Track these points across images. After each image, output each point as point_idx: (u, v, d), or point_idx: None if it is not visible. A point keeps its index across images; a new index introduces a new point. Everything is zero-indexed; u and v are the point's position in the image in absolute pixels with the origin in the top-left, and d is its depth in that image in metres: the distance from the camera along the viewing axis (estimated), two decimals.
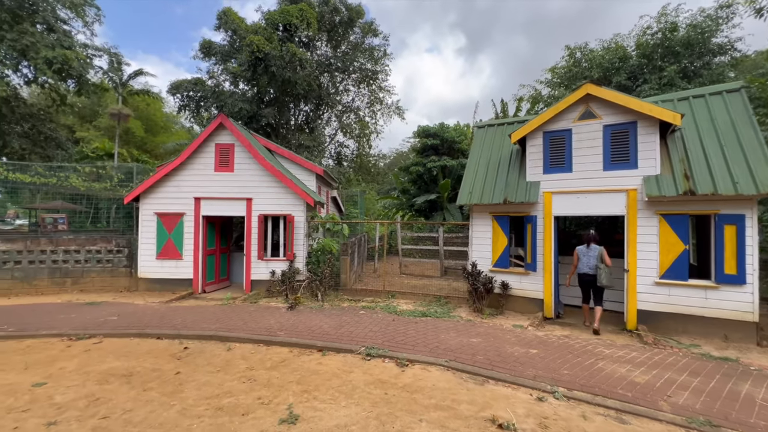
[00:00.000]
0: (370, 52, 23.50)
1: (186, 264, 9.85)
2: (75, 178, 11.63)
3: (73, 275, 9.88)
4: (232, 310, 7.75)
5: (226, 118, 9.88)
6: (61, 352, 5.32)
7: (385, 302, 8.88)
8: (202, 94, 23.40)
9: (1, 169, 10.26)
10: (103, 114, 32.13)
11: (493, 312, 7.77)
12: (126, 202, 9.87)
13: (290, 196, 9.86)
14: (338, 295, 9.43)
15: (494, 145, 9.25)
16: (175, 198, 9.94)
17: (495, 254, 8.21)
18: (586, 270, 7.12)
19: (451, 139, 25.48)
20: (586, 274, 7.11)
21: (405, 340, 5.76)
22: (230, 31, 22.85)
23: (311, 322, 6.73)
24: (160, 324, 6.55)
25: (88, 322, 6.62)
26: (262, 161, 9.78)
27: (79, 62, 14.92)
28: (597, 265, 6.96)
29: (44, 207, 14.71)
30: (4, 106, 15.23)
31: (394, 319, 7.03)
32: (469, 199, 8.33)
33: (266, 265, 9.82)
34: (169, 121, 39.29)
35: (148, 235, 9.90)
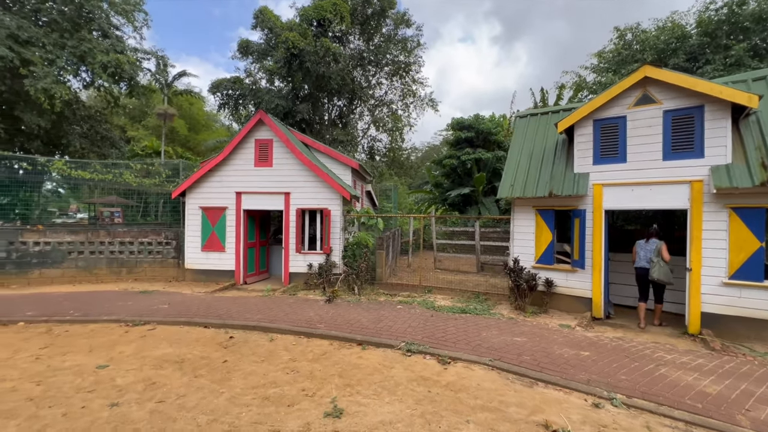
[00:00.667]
0: (403, 43, 23.18)
1: (228, 256, 10.24)
2: (128, 174, 12.41)
3: (128, 265, 10.57)
4: (273, 301, 7.95)
5: (265, 114, 10.10)
6: (120, 337, 5.67)
7: (421, 297, 8.76)
8: (240, 92, 24.20)
9: (64, 167, 11.13)
10: (151, 114, 34.12)
11: (536, 310, 7.43)
12: (174, 196, 10.40)
13: (327, 190, 9.94)
14: (374, 289, 9.43)
15: (537, 135, 8.79)
16: (218, 192, 10.33)
17: (538, 250, 7.82)
18: (642, 264, 6.82)
19: (486, 130, 24.73)
20: (642, 267, 6.81)
21: (445, 337, 5.62)
22: (266, 30, 23.38)
23: (349, 316, 6.75)
24: (207, 313, 6.84)
25: (142, 310, 7.04)
26: (299, 156, 9.92)
27: (130, 65, 15.86)
28: (651, 259, 6.62)
29: (101, 202, 15.88)
30: (67, 109, 16.52)
31: (432, 315, 6.90)
32: (510, 192, 7.98)
33: (304, 258, 10.00)
34: (210, 120, 41.13)
35: (193, 228, 10.38)
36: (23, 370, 4.44)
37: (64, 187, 19.85)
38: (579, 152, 7.41)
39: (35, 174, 11.61)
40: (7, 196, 12.04)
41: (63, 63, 14.22)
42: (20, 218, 12.43)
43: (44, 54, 13.91)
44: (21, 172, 11.78)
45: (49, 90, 13.63)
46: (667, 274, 6.43)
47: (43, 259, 10.07)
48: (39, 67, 13.54)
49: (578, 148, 7.43)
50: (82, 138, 17.92)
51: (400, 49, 23.17)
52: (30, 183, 12.05)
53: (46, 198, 18.53)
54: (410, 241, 16.17)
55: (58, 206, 22.03)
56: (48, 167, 11.37)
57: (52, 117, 15.42)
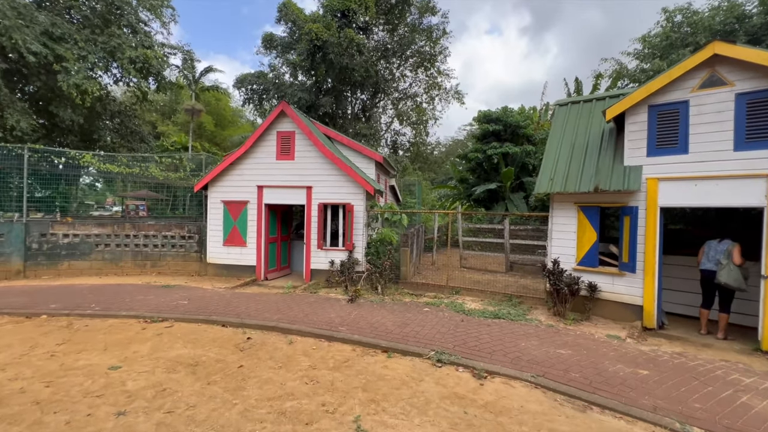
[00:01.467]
0: (428, 32, 22.41)
1: (250, 251, 10.05)
2: (154, 167, 12.48)
3: (152, 258, 10.59)
4: (293, 299, 7.64)
5: (287, 105, 9.78)
6: (136, 334, 5.49)
7: (449, 299, 8.23)
8: (264, 87, 24.20)
9: (93, 160, 11.27)
10: (180, 110, 34.95)
11: (577, 317, 6.74)
12: (196, 190, 10.29)
13: (350, 185, 9.53)
14: (398, 289, 8.97)
15: (579, 125, 8.00)
16: (240, 186, 10.13)
17: (580, 251, 7.10)
18: (708, 266, 6.06)
19: (515, 123, 23.67)
20: (708, 270, 6.04)
21: (479, 346, 5.09)
22: (290, 23, 23.20)
23: (373, 318, 6.32)
24: (225, 311, 6.59)
25: (162, 305, 6.88)
26: (322, 148, 9.54)
27: (157, 60, 16.02)
28: (720, 261, 5.85)
29: (133, 195, 16.21)
30: (98, 104, 16.92)
31: (462, 320, 6.36)
32: (549, 187, 7.27)
33: (325, 254, 9.66)
34: (236, 116, 41.77)
35: (215, 222, 10.24)
36: (37, 368, 4.27)
37: (100, 181, 20.58)
38: (630, 143, 6.62)
39: (73, 168, 11.86)
40: (48, 189, 12.43)
41: (94, 59, 14.46)
42: (60, 210, 12.85)
43: (76, 50, 14.19)
44: (61, 166, 12.08)
45: (81, 85, 13.90)
46: (737, 279, 5.60)
47: (72, 251, 10.22)
48: (71, 63, 13.82)
49: (630, 138, 6.63)
50: (112, 133, 18.36)
51: (425, 39, 22.39)
52: (68, 177, 12.35)
53: (83, 191, 19.24)
54: (434, 238, 15.57)
55: (95, 199, 22.92)
56: (78, 160, 11.55)
57: (83, 112, 15.78)
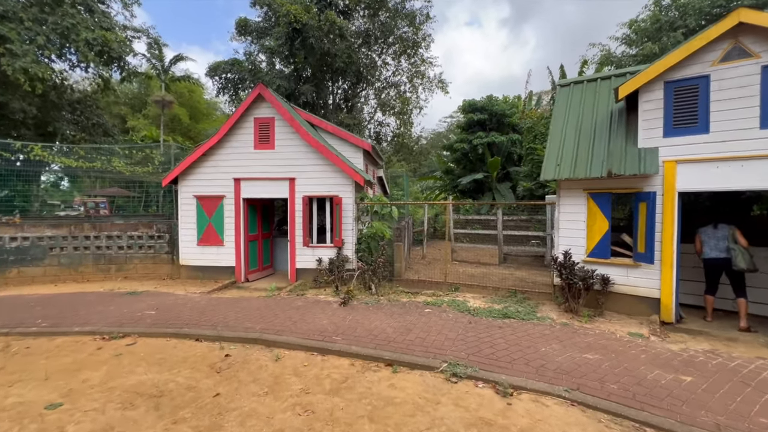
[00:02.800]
0: (411, 17, 21.53)
1: (228, 251, 9.11)
2: (117, 161, 11.25)
3: (117, 262, 9.49)
4: (278, 304, 6.82)
5: (265, 88, 8.83)
6: (89, 356, 4.57)
7: (449, 297, 7.60)
8: (239, 76, 22.79)
9: (44, 153, 9.97)
10: (151, 103, 32.94)
11: (590, 313, 6.23)
12: (164, 184, 9.22)
13: (337, 175, 8.71)
14: (393, 287, 8.28)
15: (584, 106, 7.46)
16: (214, 179, 9.15)
17: (591, 241, 6.59)
18: (715, 254, 5.81)
19: (500, 112, 23.25)
20: (716, 258, 5.79)
21: (495, 354, 4.46)
22: (265, 7, 21.85)
23: (370, 323, 5.60)
24: (200, 321, 5.72)
25: (124, 317, 5.94)
26: (305, 136, 8.67)
27: (118, 44, 14.54)
28: (729, 247, 5.64)
29: (101, 194, 14.84)
30: (53, 93, 15.30)
31: (470, 321, 5.73)
32: (556, 173, 6.70)
33: (312, 252, 8.84)
34: (210, 108, 39.82)
35: (188, 219, 9.23)
36: None
37: (65, 179, 18.84)
38: (645, 122, 6.10)
39: (33, 164, 10.50)
40: (5, 188, 10.99)
41: (43, 41, 12.92)
42: (20, 211, 11.49)
43: (23, 30, 12.64)
44: (18, 163, 10.68)
45: (29, 70, 12.40)
46: (750, 261, 5.54)
47: (22, 256, 9.00)
48: (16, 45, 12.29)
49: (644, 118, 6.11)
50: (72, 125, 16.73)
51: (408, 24, 21.50)
52: (28, 174, 10.96)
53: (46, 190, 17.60)
54: (425, 231, 14.97)
55: (61, 198, 21.09)
56: (27, 154, 10.22)
57: (35, 101, 14.21)
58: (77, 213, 18.76)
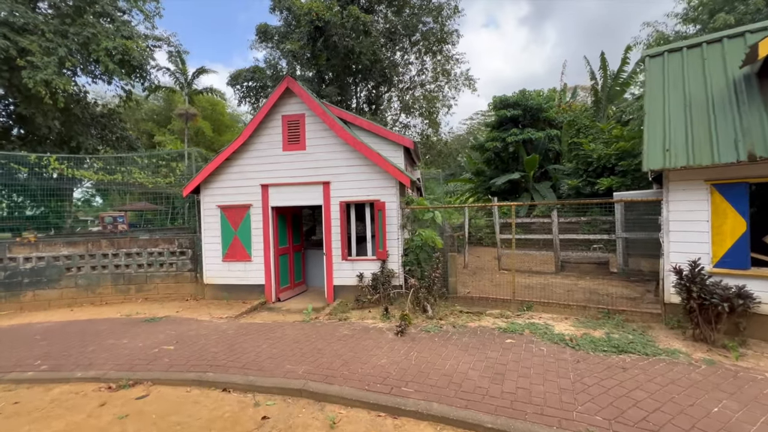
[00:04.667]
0: (438, 11, 20.36)
1: (256, 267, 8.05)
2: (137, 172, 10.50)
3: (137, 281, 8.60)
4: (318, 332, 5.62)
5: (293, 81, 7.77)
6: (87, 419, 3.47)
7: (522, 318, 6.21)
8: (260, 84, 22.27)
9: (58, 164, 9.29)
10: (175, 118, 33.21)
11: (731, 344, 4.68)
12: (185, 194, 8.29)
13: (379, 177, 7.51)
14: (449, 306, 6.94)
15: (690, 78, 5.96)
16: (239, 187, 8.14)
17: (719, 247, 5.06)
18: None
19: (535, 107, 21.59)
20: None
21: (653, 419, 3.04)
22: (285, 11, 21.27)
23: (444, 362, 4.30)
24: (228, 360, 4.58)
25: (138, 354, 4.88)
26: (341, 133, 7.53)
27: (139, 52, 14.06)
28: None
29: (131, 209, 14.33)
30: (76, 107, 14.98)
31: (576, 359, 4.31)
32: (666, 161, 5.23)
33: (351, 266, 7.64)
34: (233, 120, 39.98)
35: (211, 233, 8.25)
36: None
37: (96, 195, 18.65)
38: None
39: (65, 181, 10.00)
40: (40, 206, 10.52)
41: (65, 52, 12.51)
42: (55, 228, 11.01)
43: (43, 42, 12.27)
44: (51, 180, 10.21)
45: (51, 82, 11.97)
46: None
47: (37, 277, 8.24)
48: (38, 57, 11.89)
49: None
50: (95, 139, 16.39)
51: (433, 19, 20.33)
52: (61, 191, 10.48)
53: (77, 207, 17.42)
54: (466, 236, 13.55)
55: (94, 214, 21.01)
56: (46, 168, 9.58)
57: (57, 115, 13.85)
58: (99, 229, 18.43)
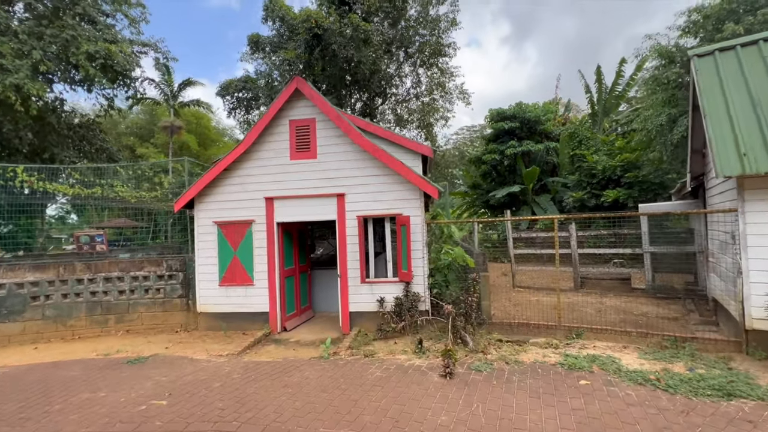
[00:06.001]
0: (435, 23, 20.10)
1: (259, 292, 7.00)
2: (120, 185, 9.37)
3: (117, 311, 7.40)
4: (345, 374, 4.63)
5: (303, 81, 6.95)
6: None
7: (575, 348, 5.39)
8: (252, 94, 21.42)
9: (27, 177, 8.10)
10: (159, 131, 31.93)
11: None
12: (177, 208, 7.23)
13: (401, 188, 6.68)
14: (484, 334, 6.05)
15: (752, 75, 5.42)
16: (240, 200, 7.16)
17: None
18: None
19: (534, 119, 21.42)
20: None
21: None
22: (278, 21, 20.68)
23: (520, 416, 3.39)
24: (240, 419, 3.53)
25: (120, 415, 3.78)
26: (358, 139, 6.70)
27: (124, 57, 13.04)
28: None
29: (110, 226, 13.00)
30: (51, 115, 13.73)
31: (685, 411, 3.44)
32: (744, 166, 4.59)
33: (370, 290, 6.70)
34: (219, 134, 38.84)
35: (207, 253, 7.19)
36: None
37: (71, 211, 17.13)
38: None
39: (37, 196, 8.83)
40: (8, 224, 9.26)
41: (40, 56, 11.40)
42: (24, 247, 9.71)
43: (15, 44, 11.15)
44: (22, 196, 8.99)
45: (22, 87, 10.80)
46: None
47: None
48: (8, 60, 10.75)
49: None
50: (73, 151, 15.07)
51: (429, 32, 20.04)
52: (32, 207, 9.26)
53: (50, 224, 15.93)
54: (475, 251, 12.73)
55: (69, 232, 19.33)
56: (13, 181, 8.37)
57: (29, 123, 12.59)
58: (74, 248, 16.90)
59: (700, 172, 7.35)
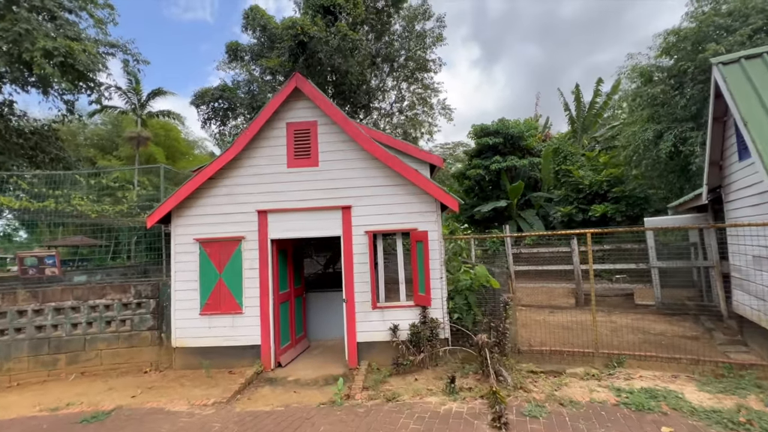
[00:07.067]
0: (421, 38, 20.04)
1: (249, 321, 5.94)
2: (78, 198, 8.05)
3: (70, 348, 6.06)
4: (371, 427, 3.71)
5: (304, 79, 6.16)
6: None
7: (619, 379, 4.79)
8: (229, 104, 20.33)
9: None
10: (123, 143, 29.77)
11: None
12: (150, 224, 6.09)
13: (415, 199, 5.95)
14: (513, 364, 5.31)
15: None
16: (228, 214, 6.15)
17: None
18: None
19: (517, 134, 21.59)
20: None
21: None
22: (258, 30, 19.93)
23: None
24: None
25: None
26: (367, 144, 5.94)
27: (87, 56, 11.73)
28: None
29: (64, 244, 11.32)
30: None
31: None
32: None
33: (381, 316, 5.82)
34: (189, 146, 36.85)
35: (186, 276, 6.07)
36: None
37: (19, 228, 15.05)
38: None
39: None
40: None
41: None
42: None
43: None
44: None
45: None
46: None
47: None
48: None
49: None
50: (22, 159, 13.33)
51: (418, 44, 19.93)
52: None
53: None
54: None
55: (14, 251, 16.98)
56: None
57: None
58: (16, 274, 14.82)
59: (717, 184, 7.15)
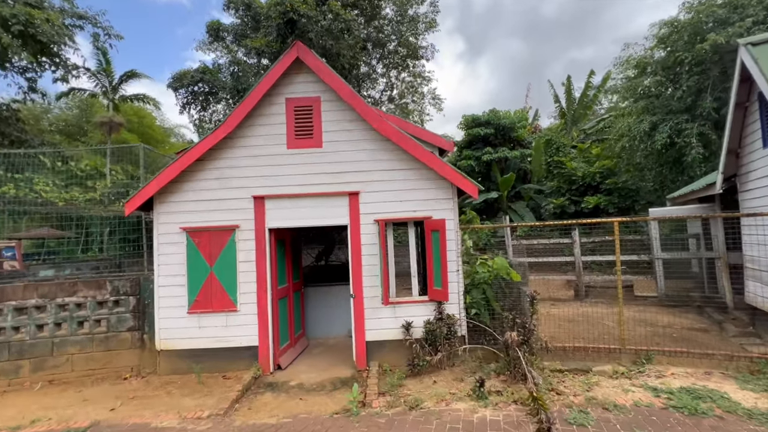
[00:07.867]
0: (413, 24, 19.37)
1: (244, 320, 5.32)
2: (41, 182, 7.12)
3: (35, 353, 5.27)
4: None
5: (306, 49, 5.49)
6: None
7: (650, 377, 4.51)
8: (210, 88, 19.15)
9: None
10: (93, 129, 27.82)
11: None
12: (129, 211, 5.32)
13: (430, 185, 5.43)
14: (537, 362, 4.94)
15: None
16: (219, 200, 5.47)
17: None
18: None
19: (508, 125, 21.38)
20: None
21: None
22: (242, 8, 18.78)
23: None
24: None
25: None
26: (378, 123, 5.35)
27: (50, 26, 10.52)
28: None
29: (28, 237, 10.16)
30: None
31: None
32: None
33: (393, 313, 5.32)
34: (165, 134, 34.94)
35: (171, 270, 5.37)
36: None
37: None
38: None
39: None
40: None
41: None
42: None
43: None
44: None
45: None
46: None
47: None
48: None
49: None
50: None
51: (410, 29, 19.26)
52: None
53: None
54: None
55: None
56: None
57: None
58: None
59: (732, 173, 6.97)
